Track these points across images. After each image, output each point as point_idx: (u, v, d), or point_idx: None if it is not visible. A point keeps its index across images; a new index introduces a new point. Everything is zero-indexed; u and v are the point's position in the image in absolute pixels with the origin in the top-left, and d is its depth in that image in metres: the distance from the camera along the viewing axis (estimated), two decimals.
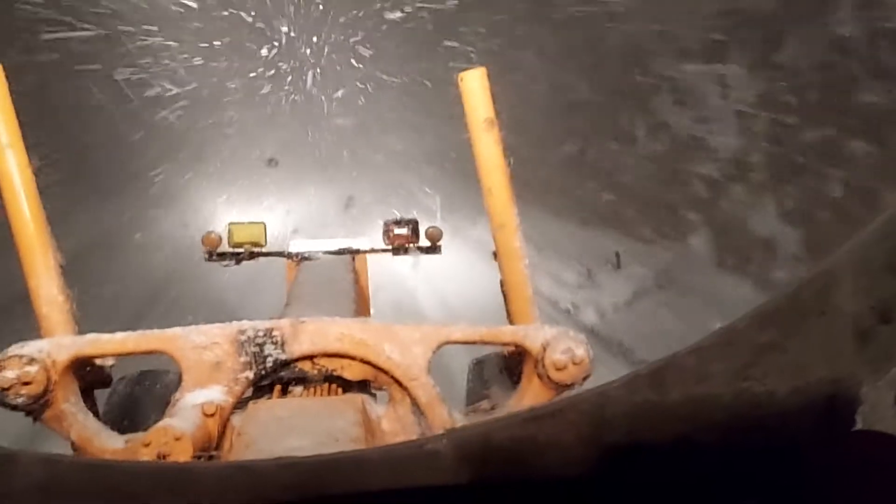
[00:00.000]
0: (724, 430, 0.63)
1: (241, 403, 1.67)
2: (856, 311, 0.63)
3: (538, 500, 0.61)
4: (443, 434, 0.63)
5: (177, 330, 1.68)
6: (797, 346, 0.63)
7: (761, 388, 0.63)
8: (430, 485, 0.61)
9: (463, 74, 1.90)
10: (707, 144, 5.71)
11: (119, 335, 1.67)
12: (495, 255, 2.10)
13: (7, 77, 1.75)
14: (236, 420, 1.60)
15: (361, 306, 2.83)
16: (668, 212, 6.01)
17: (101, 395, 2.02)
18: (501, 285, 2.08)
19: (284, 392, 1.76)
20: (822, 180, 4.85)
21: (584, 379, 1.72)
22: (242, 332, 1.68)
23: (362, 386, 1.80)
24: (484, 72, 1.90)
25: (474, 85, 1.90)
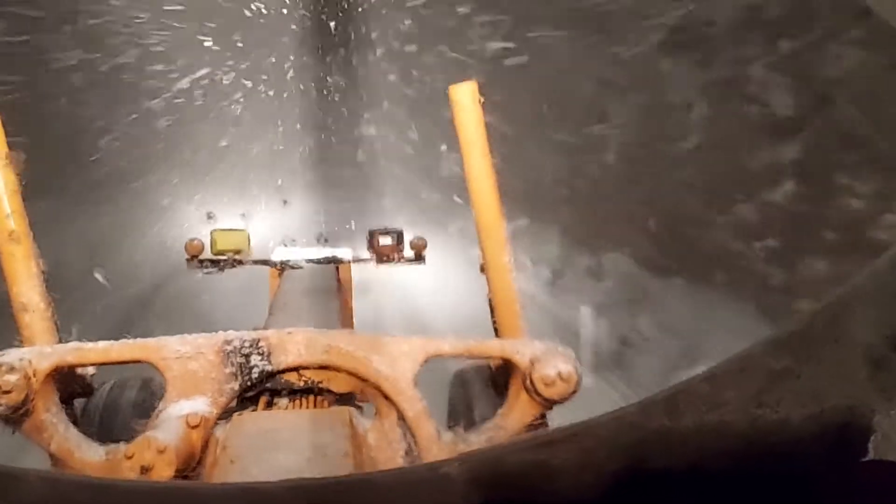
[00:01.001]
0: (738, 456, 0.62)
1: (225, 415, 1.64)
2: (869, 340, 0.63)
3: None
4: (455, 458, 0.62)
5: (161, 339, 1.65)
6: (811, 374, 0.62)
7: (775, 415, 0.62)
8: None
9: (453, 88, 1.90)
10: None
11: (101, 344, 1.63)
12: (482, 268, 2.09)
13: None
14: (220, 432, 1.57)
15: (345, 316, 2.81)
16: None
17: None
18: (489, 299, 2.08)
19: (270, 404, 1.74)
20: None
21: (572, 394, 1.72)
22: (228, 342, 1.65)
23: (348, 398, 1.78)
24: (474, 85, 1.90)
25: (465, 98, 1.89)
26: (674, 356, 4.30)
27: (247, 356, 1.66)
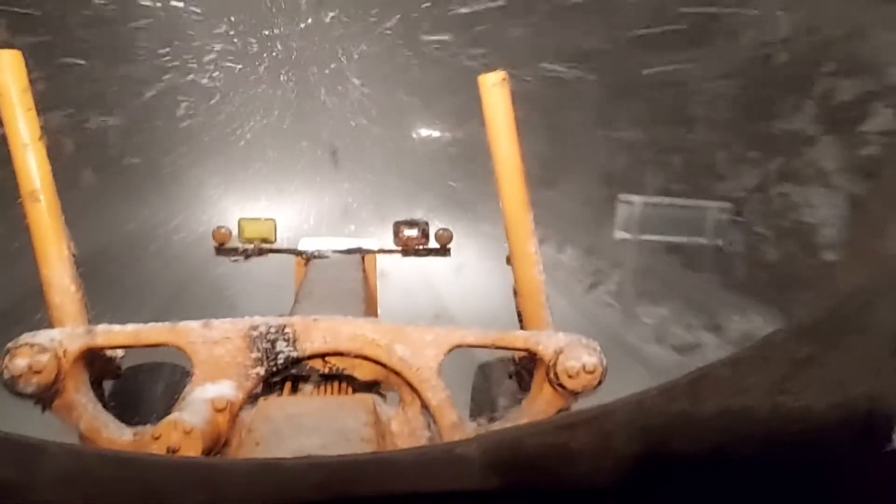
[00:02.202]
0: (760, 443, 0.62)
1: (250, 400, 1.66)
2: (895, 329, 0.62)
3: None
4: (473, 438, 0.62)
5: (189, 324, 1.67)
6: (835, 362, 0.62)
7: (798, 402, 0.62)
8: (458, 489, 0.60)
9: (482, 77, 1.90)
10: None
11: (130, 327, 1.66)
12: (509, 259, 2.09)
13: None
14: (246, 416, 1.59)
15: (370, 306, 2.83)
16: None
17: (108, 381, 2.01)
18: (514, 290, 2.07)
19: (294, 390, 1.75)
20: None
21: (597, 387, 1.71)
22: (255, 327, 1.67)
23: (372, 386, 1.79)
24: (504, 74, 1.89)
25: (494, 88, 1.89)
26: None
27: (272, 342, 1.68)
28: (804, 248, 7.03)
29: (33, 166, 1.73)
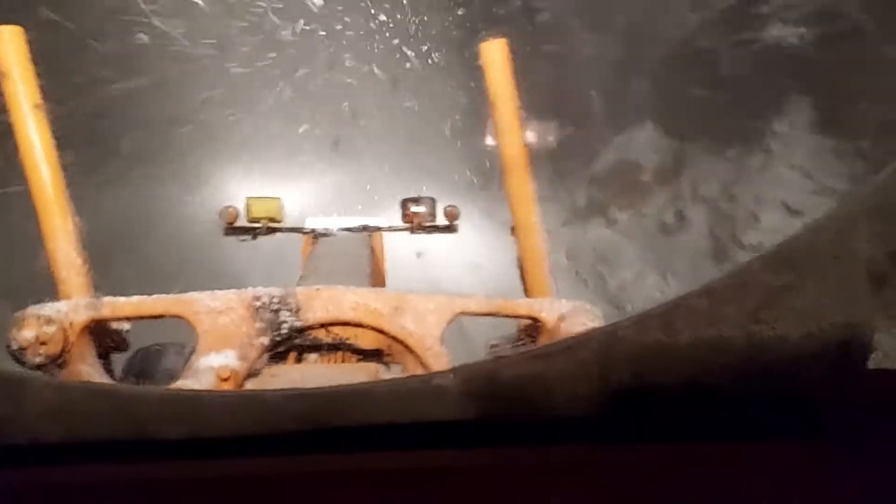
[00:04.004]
0: (735, 372, 0.62)
1: (256, 370, 1.68)
2: (872, 256, 0.62)
3: (544, 436, 0.60)
4: (451, 370, 0.63)
5: (193, 294, 1.69)
6: (811, 291, 0.62)
7: (773, 331, 0.62)
8: (435, 419, 0.61)
9: (483, 45, 1.90)
10: None
11: (135, 298, 1.68)
12: (513, 229, 2.09)
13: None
14: (250, 386, 1.61)
15: (377, 283, 2.84)
16: None
17: (119, 361, 2.04)
18: (518, 259, 2.08)
19: (299, 360, 1.77)
20: None
21: None
22: (258, 298, 1.69)
23: (375, 355, 1.81)
24: (504, 43, 1.89)
25: (495, 56, 1.89)
26: None
27: (276, 311, 1.69)
28: None
29: (36, 141, 1.75)
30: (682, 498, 0.58)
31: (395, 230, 3.31)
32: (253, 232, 3.12)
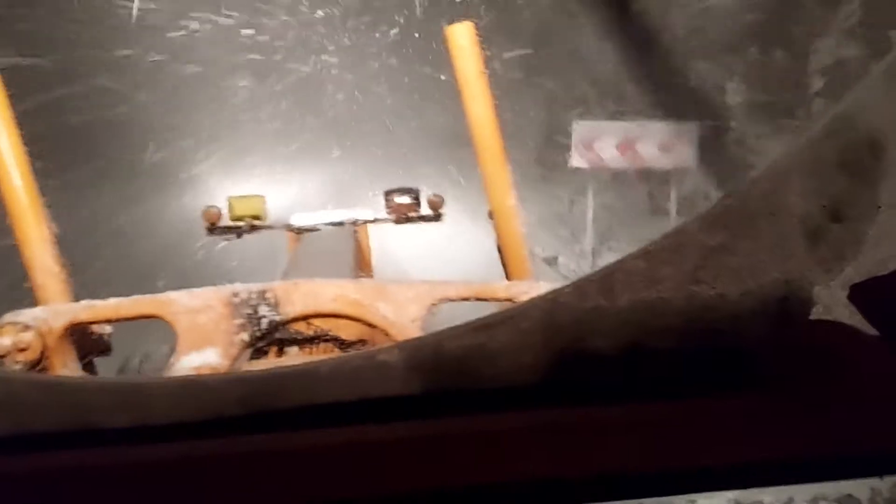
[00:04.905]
0: (676, 333, 0.63)
1: (236, 366, 1.68)
2: (806, 211, 0.62)
3: (489, 406, 0.61)
4: (394, 345, 0.64)
5: (170, 294, 1.69)
6: (747, 248, 0.62)
7: (712, 291, 0.62)
8: (381, 395, 0.61)
9: (450, 28, 1.89)
10: None
11: (113, 301, 1.68)
12: (490, 214, 2.10)
13: None
14: None
15: (365, 276, 2.84)
16: None
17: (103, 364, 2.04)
18: (497, 244, 2.09)
19: (280, 354, 1.77)
20: None
21: None
22: (236, 294, 1.69)
23: (358, 345, 1.81)
24: (471, 25, 1.89)
25: (462, 39, 1.89)
26: None
27: (255, 307, 1.69)
28: None
29: (6, 147, 1.74)
30: (628, 457, 0.59)
31: (379, 222, 3.31)
32: (237, 231, 3.12)
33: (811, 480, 0.59)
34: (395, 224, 3.33)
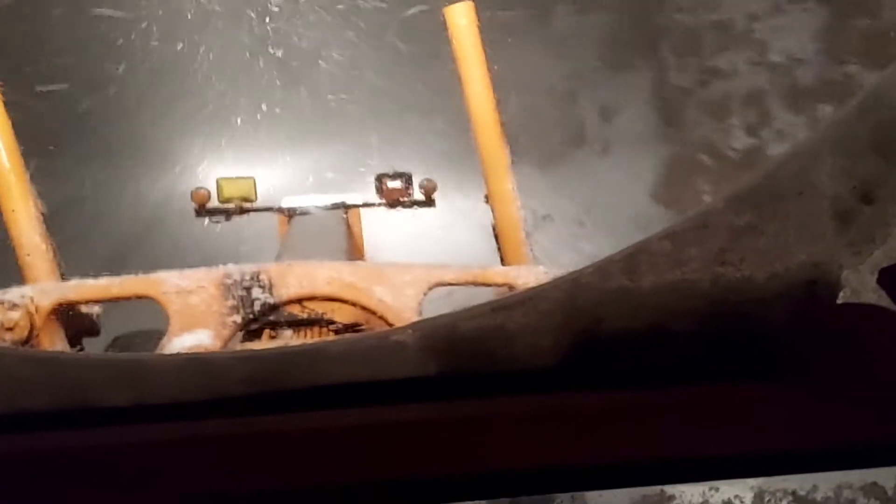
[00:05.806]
0: (700, 316, 0.60)
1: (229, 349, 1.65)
2: (836, 192, 0.60)
3: (506, 389, 0.58)
4: (409, 325, 0.61)
5: (161, 274, 1.66)
6: (775, 230, 0.60)
7: (738, 273, 0.60)
8: (393, 376, 0.59)
9: (448, 9, 1.86)
10: None
11: (103, 280, 1.65)
12: (487, 197, 2.07)
13: None
14: None
15: (357, 259, 2.81)
16: None
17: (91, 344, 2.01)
18: (494, 228, 2.07)
19: (273, 337, 1.74)
20: None
21: None
22: (228, 275, 1.66)
23: (353, 329, 1.79)
24: (471, 5, 1.86)
25: (461, 20, 1.85)
26: None
27: (248, 289, 1.66)
28: None
29: None
30: (648, 443, 0.57)
31: (371, 206, 3.27)
32: (226, 213, 3.07)
33: (835, 468, 0.58)
34: (387, 209, 3.29)
